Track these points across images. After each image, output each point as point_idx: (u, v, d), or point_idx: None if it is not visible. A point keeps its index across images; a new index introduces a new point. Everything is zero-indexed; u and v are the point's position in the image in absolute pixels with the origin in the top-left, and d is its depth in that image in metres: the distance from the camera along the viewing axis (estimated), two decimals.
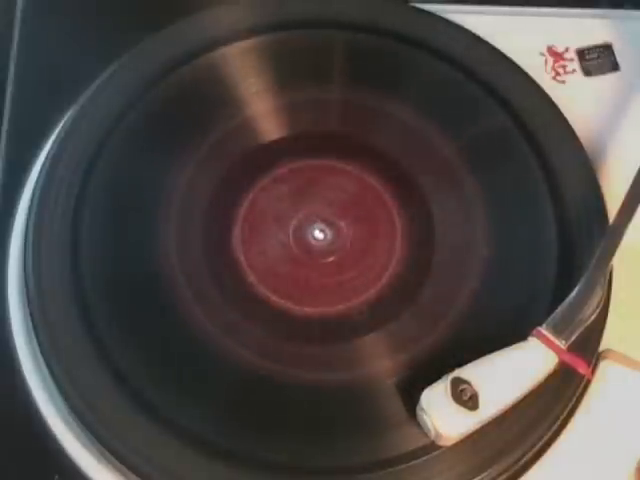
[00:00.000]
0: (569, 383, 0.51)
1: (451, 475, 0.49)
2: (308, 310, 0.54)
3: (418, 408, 0.49)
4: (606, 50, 0.62)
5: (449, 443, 0.49)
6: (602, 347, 0.53)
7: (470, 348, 0.50)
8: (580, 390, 0.52)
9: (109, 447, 0.50)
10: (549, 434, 0.51)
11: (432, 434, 0.49)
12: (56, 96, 0.60)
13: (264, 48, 0.59)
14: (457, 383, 0.48)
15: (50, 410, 0.52)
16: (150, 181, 0.56)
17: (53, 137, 0.57)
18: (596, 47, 0.62)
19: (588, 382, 0.52)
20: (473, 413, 0.48)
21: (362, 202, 0.57)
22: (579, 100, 0.61)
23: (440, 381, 0.49)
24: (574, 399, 0.52)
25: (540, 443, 0.51)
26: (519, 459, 0.50)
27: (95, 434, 0.50)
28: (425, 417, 0.48)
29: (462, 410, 0.48)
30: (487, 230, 0.56)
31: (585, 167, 0.57)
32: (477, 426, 0.49)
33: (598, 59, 0.62)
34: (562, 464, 0.52)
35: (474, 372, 0.49)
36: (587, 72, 0.62)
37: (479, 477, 0.49)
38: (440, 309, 0.54)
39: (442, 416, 0.48)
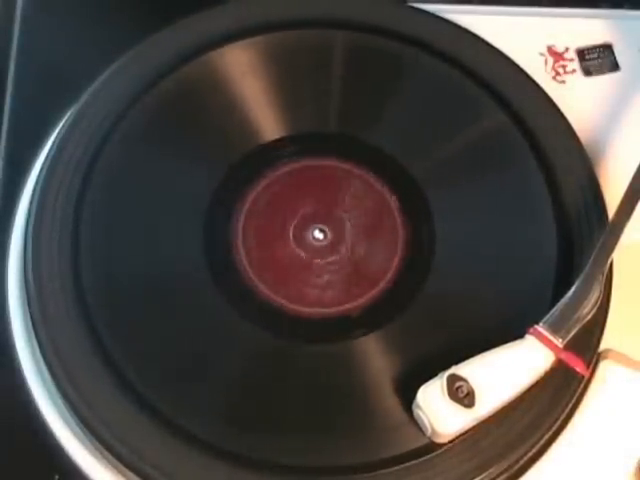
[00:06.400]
0: (569, 383, 0.51)
1: (451, 475, 0.49)
2: (308, 310, 0.54)
3: (414, 405, 0.49)
4: (606, 50, 0.62)
5: (445, 440, 0.49)
6: (602, 347, 0.53)
7: (470, 348, 0.49)
8: (580, 390, 0.52)
9: (109, 447, 0.50)
10: (549, 434, 0.51)
11: (428, 431, 0.49)
12: (56, 96, 0.60)
13: (264, 48, 0.59)
14: (453, 380, 0.48)
15: (50, 410, 0.52)
16: (150, 181, 0.56)
17: (53, 137, 0.57)
18: (596, 47, 0.62)
19: (588, 382, 0.53)
20: (469, 410, 0.48)
21: (362, 202, 0.57)
22: (579, 100, 0.61)
23: (436, 378, 0.49)
24: (574, 399, 0.52)
25: (540, 443, 0.51)
26: (519, 459, 0.50)
27: (95, 434, 0.50)
28: (421, 414, 0.49)
29: (458, 407, 0.48)
30: (487, 230, 0.56)
31: (585, 167, 0.57)
32: (473, 423, 0.49)
33: (598, 59, 0.62)
34: (562, 464, 0.52)
35: (471, 369, 0.49)
36: (587, 72, 0.62)
37: (479, 477, 0.49)
38: (440, 309, 0.54)
39: (438, 413, 0.48)
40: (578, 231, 0.55)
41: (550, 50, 0.62)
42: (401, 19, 0.61)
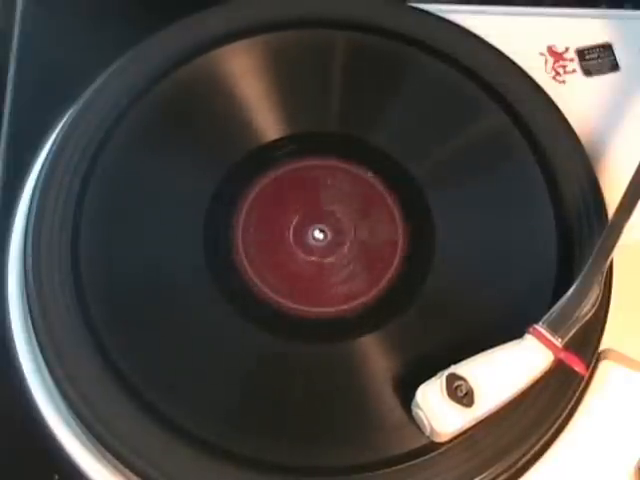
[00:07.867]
0: (569, 383, 0.51)
1: (451, 475, 0.49)
2: (308, 310, 0.54)
3: (413, 404, 0.49)
4: (606, 50, 0.62)
5: (444, 439, 0.49)
6: (602, 347, 0.53)
7: (470, 348, 0.49)
8: (580, 390, 0.52)
9: (109, 447, 0.50)
10: (549, 434, 0.51)
11: (427, 430, 0.49)
12: (56, 96, 0.60)
13: (264, 48, 0.59)
14: (452, 380, 0.48)
15: (50, 410, 0.52)
16: (150, 181, 0.56)
17: (53, 137, 0.57)
18: (596, 47, 0.63)
19: (588, 382, 0.53)
20: (468, 410, 0.48)
21: (362, 202, 0.57)
22: (579, 100, 0.61)
23: (435, 377, 0.49)
24: (574, 399, 0.52)
25: (540, 443, 0.51)
26: (519, 459, 0.50)
27: (95, 434, 0.50)
28: (420, 413, 0.49)
29: (457, 407, 0.48)
30: (486, 230, 0.56)
31: (585, 167, 0.57)
32: (472, 423, 0.49)
33: (598, 59, 0.62)
34: (562, 464, 0.52)
35: (470, 369, 0.49)
36: (587, 72, 0.62)
37: (479, 477, 0.49)
38: (440, 309, 0.54)
39: (437, 412, 0.48)
40: (578, 231, 0.55)
41: (550, 50, 0.62)
42: (401, 19, 0.61)
